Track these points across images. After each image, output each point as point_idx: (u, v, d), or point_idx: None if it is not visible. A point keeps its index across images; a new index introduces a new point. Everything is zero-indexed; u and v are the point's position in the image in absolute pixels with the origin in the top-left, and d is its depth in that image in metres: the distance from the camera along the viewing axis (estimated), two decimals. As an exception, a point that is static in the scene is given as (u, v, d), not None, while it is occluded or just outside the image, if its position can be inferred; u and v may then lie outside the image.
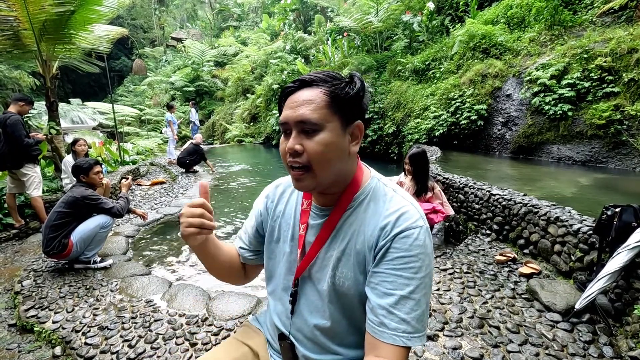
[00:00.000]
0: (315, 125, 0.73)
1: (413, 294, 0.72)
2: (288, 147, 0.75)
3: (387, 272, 0.74)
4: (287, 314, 0.91)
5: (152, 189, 6.62)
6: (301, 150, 0.74)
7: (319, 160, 0.74)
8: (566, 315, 2.08)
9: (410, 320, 0.71)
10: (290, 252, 0.90)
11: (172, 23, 32.18)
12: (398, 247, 0.73)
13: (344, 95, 0.75)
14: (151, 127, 17.98)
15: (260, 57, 17.32)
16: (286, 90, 0.79)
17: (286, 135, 0.78)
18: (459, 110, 6.76)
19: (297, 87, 0.77)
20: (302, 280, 0.88)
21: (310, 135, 0.74)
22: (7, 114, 3.94)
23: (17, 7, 4.67)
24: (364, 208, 0.81)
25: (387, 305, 0.72)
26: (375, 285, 0.75)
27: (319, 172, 0.75)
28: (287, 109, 0.76)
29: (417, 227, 0.74)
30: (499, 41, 6.97)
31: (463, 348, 1.85)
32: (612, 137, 4.99)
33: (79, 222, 2.92)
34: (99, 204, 2.96)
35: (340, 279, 0.81)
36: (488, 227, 3.48)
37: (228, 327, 2.15)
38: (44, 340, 2.14)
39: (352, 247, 0.80)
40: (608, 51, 5.19)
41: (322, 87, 0.75)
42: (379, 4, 9.85)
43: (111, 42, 6.42)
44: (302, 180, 0.76)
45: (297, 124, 0.74)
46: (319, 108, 0.73)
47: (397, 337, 0.71)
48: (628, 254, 1.89)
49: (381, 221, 0.77)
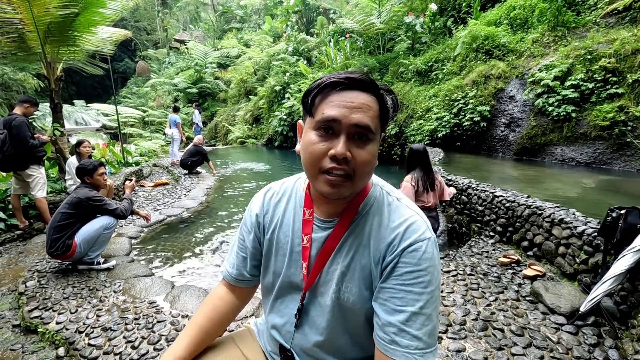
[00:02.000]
0: (372, 135, 0.70)
1: (424, 309, 0.70)
2: (338, 152, 0.67)
3: (397, 288, 0.71)
4: (288, 328, 0.87)
5: (155, 190, 6.64)
6: (350, 158, 0.68)
7: (364, 170, 0.70)
8: (571, 318, 2.07)
9: (422, 336, 0.69)
10: (290, 265, 0.86)
11: (175, 25, 32.35)
12: (407, 261, 0.71)
13: (389, 109, 0.74)
14: (154, 128, 18.06)
15: (263, 59, 17.38)
16: (335, 85, 0.69)
17: (324, 134, 0.70)
18: (461, 112, 6.74)
19: (347, 85, 0.69)
20: (308, 294, 0.84)
21: (361, 144, 0.69)
22: (12, 115, 3.97)
23: (22, 10, 4.70)
24: (369, 220, 0.78)
25: (398, 322, 0.70)
26: (384, 302, 0.72)
27: (358, 182, 0.71)
28: (339, 107, 0.68)
29: (425, 240, 0.72)
30: (502, 42, 6.96)
31: (467, 350, 1.84)
32: (616, 138, 4.96)
33: (83, 223, 2.93)
34: (102, 205, 2.97)
35: (345, 294, 0.78)
36: (491, 228, 3.47)
37: (230, 328, 2.14)
38: (47, 341, 2.15)
39: (357, 261, 0.77)
40: (612, 52, 5.17)
41: (374, 94, 0.71)
42: (381, 6, 9.87)
43: (115, 44, 6.46)
44: (340, 187, 0.70)
45: (353, 128, 0.68)
46: (375, 117, 0.70)
47: (410, 355, 0.68)
48: (633, 257, 1.87)
49: (388, 234, 0.74)
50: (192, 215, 5.01)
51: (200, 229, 4.45)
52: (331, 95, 0.69)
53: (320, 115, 0.69)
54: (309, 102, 0.72)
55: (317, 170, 0.71)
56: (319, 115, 0.70)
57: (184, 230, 4.41)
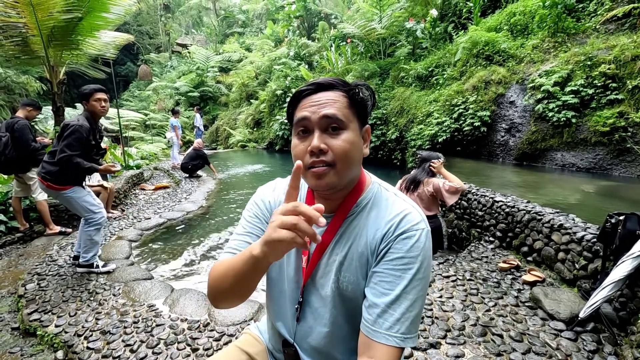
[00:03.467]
0: (342, 123, 0.74)
1: (409, 295, 0.72)
2: (313, 145, 0.72)
3: (386, 272, 0.74)
4: (291, 322, 0.89)
5: (155, 193, 6.65)
6: (326, 149, 0.73)
7: (344, 158, 0.74)
8: (570, 324, 2.06)
9: (405, 321, 0.71)
10: (292, 259, 0.88)
11: (177, 29, 32.56)
12: (399, 247, 0.74)
13: (360, 99, 0.78)
14: (155, 131, 18.12)
15: (264, 63, 17.47)
16: (302, 93, 0.78)
17: (302, 135, 0.77)
18: (462, 117, 6.76)
19: (313, 90, 0.77)
20: (307, 287, 0.87)
21: (335, 134, 0.74)
22: (15, 118, 4.00)
23: (26, 14, 4.76)
24: (366, 213, 0.81)
25: (383, 304, 0.72)
26: (374, 285, 0.75)
27: (341, 170, 0.74)
28: (306, 108, 0.76)
29: (419, 230, 0.75)
30: (502, 48, 6.99)
31: (466, 356, 1.84)
32: (616, 144, 4.97)
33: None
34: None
35: (344, 283, 0.81)
36: (491, 234, 3.46)
37: (230, 332, 2.14)
38: (46, 344, 2.15)
39: (354, 250, 0.80)
40: (612, 58, 5.19)
41: (341, 90, 0.77)
42: (382, 11, 9.93)
43: (117, 48, 6.51)
44: (324, 176, 0.74)
45: (322, 120, 0.74)
46: (343, 107, 0.76)
47: (391, 338, 0.71)
48: (632, 263, 1.87)
49: (384, 224, 0.77)
50: (192, 218, 5.02)
51: (200, 232, 4.46)
52: (302, 101, 0.78)
53: (296, 120, 0.77)
54: (289, 115, 0.81)
55: (304, 170, 0.75)
56: (295, 120, 0.78)
57: (184, 233, 4.41)
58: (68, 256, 3.42)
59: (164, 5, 32.32)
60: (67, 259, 3.34)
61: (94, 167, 2.88)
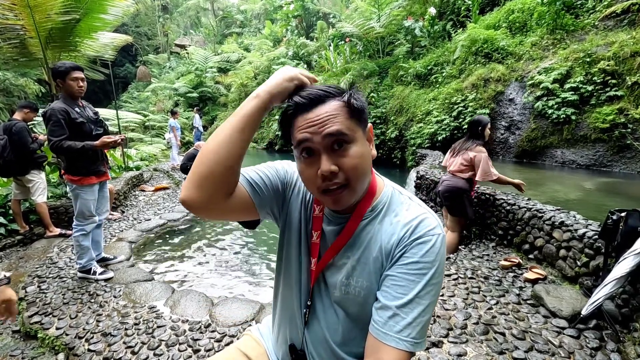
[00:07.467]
0: (348, 137, 0.70)
1: (423, 300, 0.71)
2: (323, 170, 0.69)
3: (400, 276, 0.73)
4: (299, 325, 0.88)
5: (155, 194, 6.64)
6: (337, 170, 0.69)
7: (356, 174, 0.71)
8: (572, 322, 2.06)
9: (417, 326, 0.70)
10: (298, 260, 0.87)
11: (175, 30, 32.52)
12: (414, 252, 0.72)
13: (358, 104, 0.74)
14: (155, 133, 18.09)
15: (263, 63, 17.45)
16: (295, 110, 0.72)
17: (307, 158, 0.72)
18: (461, 115, 6.75)
19: (307, 105, 0.72)
20: (316, 289, 0.85)
21: (342, 152, 0.70)
22: (12, 121, 3.99)
23: (24, 16, 4.73)
24: (381, 217, 0.80)
25: (395, 307, 0.71)
26: (386, 288, 0.74)
27: (356, 186, 0.73)
28: (305, 129, 0.70)
29: (435, 235, 0.73)
30: (501, 45, 6.99)
31: (468, 355, 1.83)
32: (616, 140, 4.97)
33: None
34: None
35: (356, 288, 0.79)
36: (492, 232, 3.46)
37: (231, 333, 2.14)
38: (47, 346, 2.14)
39: (368, 255, 0.78)
40: (611, 55, 5.18)
41: (336, 99, 0.72)
42: (380, 10, 9.92)
43: (116, 49, 6.48)
44: (342, 199, 0.72)
45: (326, 140, 0.69)
46: (345, 119, 0.71)
47: (402, 342, 0.69)
48: (634, 259, 1.86)
49: (400, 229, 0.76)
50: (192, 219, 5.01)
51: (200, 233, 4.45)
52: (297, 120, 0.73)
53: (296, 142, 0.72)
54: (285, 133, 0.76)
55: (317, 192, 0.73)
56: (295, 143, 0.73)
57: (184, 234, 4.40)
58: (68, 258, 3.42)
59: (162, 6, 32.27)
60: (68, 261, 3.34)
61: (87, 144, 2.73)
